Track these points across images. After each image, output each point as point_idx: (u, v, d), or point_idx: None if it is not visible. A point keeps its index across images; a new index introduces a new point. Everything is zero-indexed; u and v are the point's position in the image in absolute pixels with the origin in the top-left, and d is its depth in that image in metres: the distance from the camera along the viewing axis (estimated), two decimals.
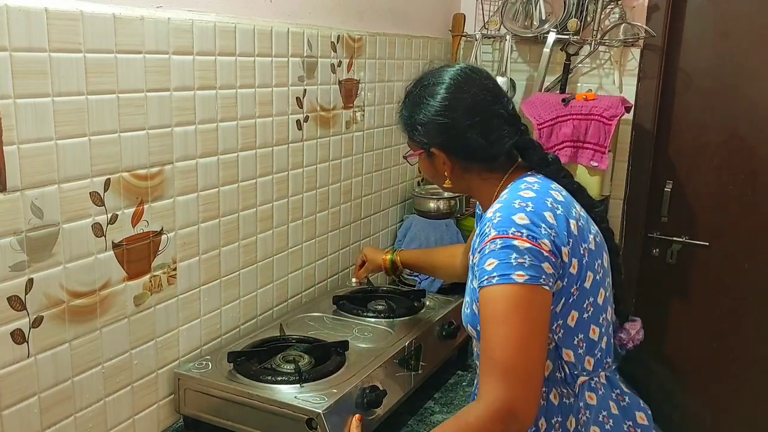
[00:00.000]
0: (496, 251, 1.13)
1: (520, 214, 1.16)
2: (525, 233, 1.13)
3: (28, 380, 1.18)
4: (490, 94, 1.28)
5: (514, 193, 1.22)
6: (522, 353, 1.10)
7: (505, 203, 1.20)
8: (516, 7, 2.50)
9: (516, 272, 1.11)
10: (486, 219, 1.20)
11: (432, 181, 1.40)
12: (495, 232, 1.15)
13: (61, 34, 1.15)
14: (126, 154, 1.31)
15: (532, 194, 1.20)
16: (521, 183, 1.25)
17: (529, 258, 1.12)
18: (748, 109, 2.46)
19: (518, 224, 1.14)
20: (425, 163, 1.34)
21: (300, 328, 1.71)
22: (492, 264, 1.13)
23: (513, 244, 1.12)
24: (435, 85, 1.28)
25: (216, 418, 1.43)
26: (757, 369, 2.59)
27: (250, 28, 1.59)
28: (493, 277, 1.12)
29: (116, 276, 1.33)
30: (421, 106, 1.28)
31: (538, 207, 1.17)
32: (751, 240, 2.53)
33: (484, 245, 1.16)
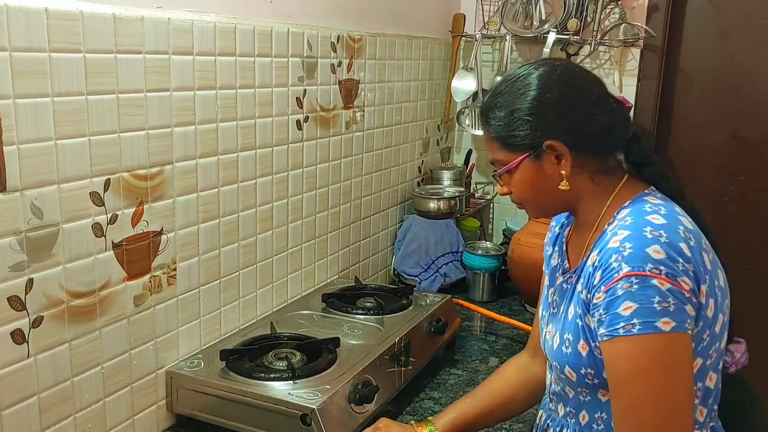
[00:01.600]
0: (632, 292, 0.97)
1: (654, 246, 0.98)
2: (664, 270, 0.97)
3: (27, 380, 1.18)
4: (593, 74, 1.14)
5: (639, 216, 1.04)
6: (672, 409, 0.98)
7: (634, 230, 1.01)
8: (516, 8, 2.50)
9: (661, 319, 0.96)
10: (610, 249, 1.01)
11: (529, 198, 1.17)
12: (628, 267, 0.98)
13: (61, 34, 1.15)
14: (126, 154, 1.30)
15: (662, 220, 1.02)
16: (644, 204, 1.07)
17: (672, 301, 0.96)
18: (749, 109, 2.46)
19: (654, 259, 0.97)
20: (528, 173, 1.13)
21: (290, 325, 1.72)
22: (630, 308, 0.97)
23: (653, 284, 0.96)
24: (530, 73, 1.11)
25: (210, 416, 1.44)
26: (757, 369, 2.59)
27: (250, 29, 1.59)
28: (633, 325, 0.97)
29: (116, 276, 1.33)
30: (524, 95, 1.09)
31: (672, 238, 1.00)
32: (752, 240, 2.53)
33: (615, 283, 0.99)
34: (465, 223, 2.57)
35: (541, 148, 1.10)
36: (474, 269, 2.29)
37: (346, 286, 1.98)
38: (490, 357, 1.89)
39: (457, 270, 2.35)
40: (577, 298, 1.10)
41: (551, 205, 1.18)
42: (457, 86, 2.58)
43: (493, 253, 2.32)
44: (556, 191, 1.12)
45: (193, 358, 1.52)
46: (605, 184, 1.13)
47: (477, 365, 1.83)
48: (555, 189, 1.12)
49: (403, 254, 2.33)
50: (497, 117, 1.13)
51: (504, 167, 1.14)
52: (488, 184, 2.79)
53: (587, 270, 1.07)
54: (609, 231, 1.06)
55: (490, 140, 1.15)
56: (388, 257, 2.41)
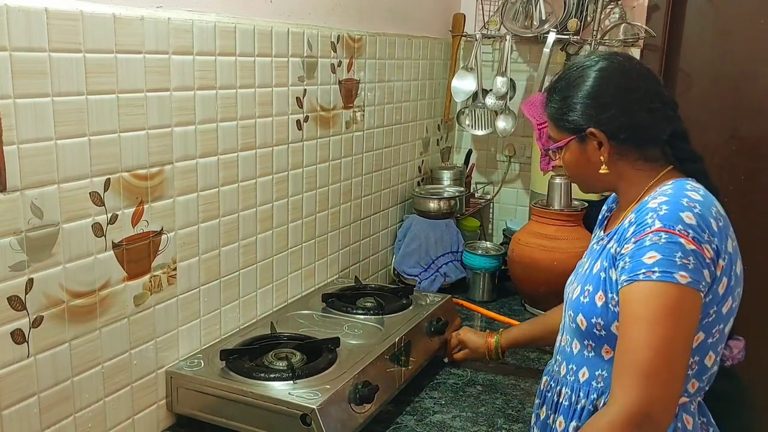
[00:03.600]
0: (659, 245, 1.07)
1: (688, 213, 1.09)
2: (691, 234, 1.07)
3: (27, 380, 1.18)
4: (650, 73, 1.24)
5: (680, 190, 1.15)
6: (668, 357, 1.05)
7: (672, 198, 1.13)
8: (516, 7, 2.50)
9: (680, 272, 1.05)
10: (648, 209, 1.12)
11: (575, 175, 1.32)
12: (660, 224, 1.08)
13: (61, 34, 1.15)
14: (126, 154, 1.31)
15: (700, 197, 1.13)
16: (686, 183, 1.18)
17: (693, 260, 1.06)
18: (749, 109, 2.46)
19: (686, 222, 1.08)
20: (574, 153, 1.26)
21: (290, 325, 1.72)
22: (653, 258, 1.06)
23: (679, 241, 1.06)
24: (592, 65, 1.23)
25: (210, 416, 1.44)
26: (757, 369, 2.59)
27: (250, 28, 1.59)
28: (653, 272, 1.06)
29: (116, 276, 1.33)
30: (580, 85, 1.23)
31: (704, 212, 1.10)
32: (751, 240, 2.53)
33: (645, 236, 1.09)
34: (465, 223, 2.57)
35: (584, 133, 1.23)
36: (474, 269, 2.29)
37: (346, 286, 1.98)
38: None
39: (457, 270, 2.35)
40: (606, 254, 1.20)
41: (595, 183, 1.30)
42: (457, 86, 2.58)
43: (493, 253, 2.32)
44: (596, 174, 1.25)
45: (193, 358, 1.52)
46: (647, 170, 1.23)
47: (477, 365, 1.83)
48: (597, 170, 1.24)
49: (403, 254, 2.33)
50: (554, 100, 1.27)
51: (554, 144, 1.29)
52: (488, 184, 2.79)
53: (622, 227, 1.18)
54: (649, 197, 1.17)
55: (548, 117, 1.30)
56: (388, 257, 2.41)
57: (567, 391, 1.27)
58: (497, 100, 2.52)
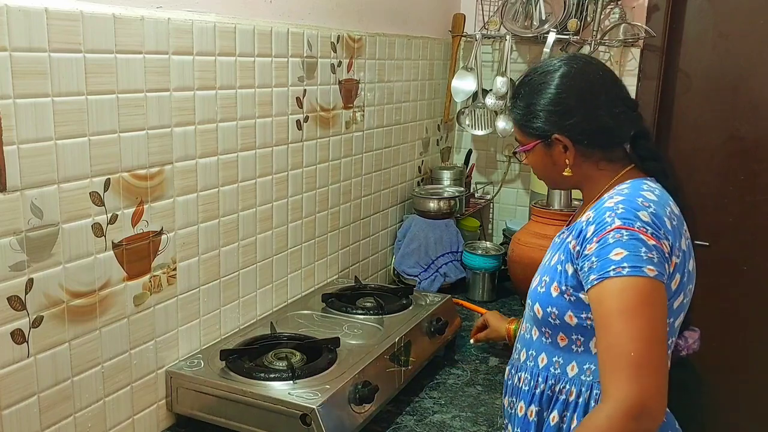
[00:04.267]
0: (623, 242, 1.11)
1: (643, 211, 1.14)
2: (650, 230, 1.12)
3: (27, 380, 1.18)
4: (610, 76, 1.28)
5: (635, 190, 1.20)
6: (653, 347, 1.08)
7: (628, 198, 1.18)
8: (516, 8, 2.50)
9: (648, 266, 1.09)
10: (605, 208, 1.17)
11: (541, 176, 1.37)
12: (620, 222, 1.13)
13: (61, 34, 1.15)
14: (126, 154, 1.31)
15: (654, 198, 1.19)
16: (642, 183, 1.23)
17: (656, 255, 1.11)
18: (749, 109, 2.46)
19: (643, 220, 1.13)
20: (539, 155, 1.30)
21: (290, 325, 1.72)
22: (621, 254, 1.10)
23: (641, 237, 1.11)
24: (553, 71, 1.26)
25: (210, 416, 1.44)
26: (757, 369, 2.59)
27: (250, 29, 1.59)
28: (623, 267, 1.09)
29: (116, 276, 1.33)
30: (542, 92, 1.26)
31: (659, 212, 1.16)
32: (751, 241, 2.53)
33: (606, 234, 1.13)
34: (465, 223, 2.57)
35: (549, 138, 1.26)
36: (474, 269, 2.29)
37: (346, 286, 1.98)
38: (490, 357, 1.89)
39: (457, 270, 2.35)
40: (565, 248, 1.24)
41: (560, 182, 1.35)
42: (457, 86, 2.58)
43: (493, 253, 2.32)
44: (561, 175, 1.30)
45: (193, 358, 1.52)
46: (609, 170, 1.27)
47: (477, 365, 1.83)
48: (561, 172, 1.29)
49: (403, 254, 2.33)
50: (519, 106, 1.30)
51: (521, 148, 1.34)
52: (488, 184, 2.79)
53: (580, 225, 1.21)
54: (606, 197, 1.22)
55: (514, 121, 1.34)
56: (388, 257, 2.41)
57: (526, 376, 1.31)
58: (497, 100, 2.52)
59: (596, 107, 1.24)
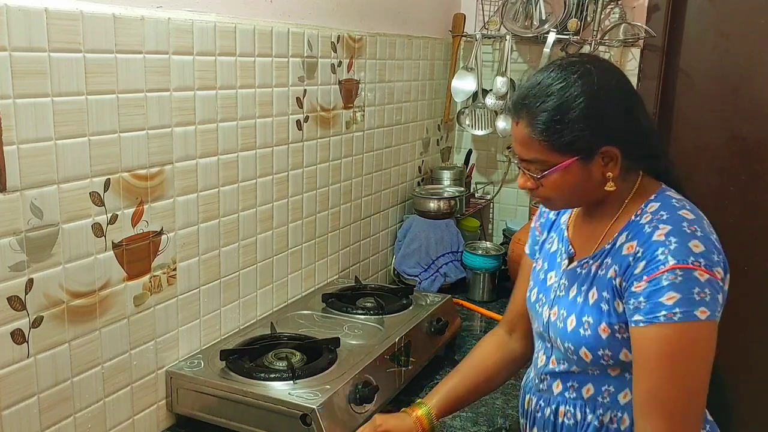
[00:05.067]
0: (677, 283, 1.04)
1: (694, 240, 1.07)
2: (703, 262, 1.06)
3: (27, 380, 1.18)
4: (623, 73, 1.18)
5: (673, 212, 1.13)
6: (694, 397, 1.08)
7: (673, 225, 1.10)
8: (516, 7, 2.50)
9: (699, 308, 1.04)
10: (656, 242, 1.09)
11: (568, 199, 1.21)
12: (674, 260, 1.06)
13: (61, 34, 1.15)
14: (126, 154, 1.30)
15: (692, 215, 1.12)
16: (670, 199, 1.16)
17: (709, 291, 1.05)
18: (749, 109, 2.46)
19: (696, 252, 1.06)
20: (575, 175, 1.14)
21: (290, 325, 1.72)
22: (673, 298, 1.04)
23: (694, 276, 1.05)
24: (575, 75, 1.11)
25: (210, 416, 1.44)
26: (757, 369, 2.59)
27: (251, 29, 1.59)
28: (675, 313, 1.04)
29: (116, 276, 1.32)
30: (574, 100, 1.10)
31: (705, 231, 1.10)
32: (752, 241, 2.53)
33: (660, 274, 1.06)
34: (465, 223, 2.57)
35: (594, 152, 1.12)
36: (474, 269, 2.29)
37: (346, 286, 1.98)
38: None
39: (457, 270, 2.35)
40: (606, 284, 1.16)
41: (581, 201, 1.24)
42: (457, 86, 2.58)
43: (493, 253, 2.32)
44: (595, 191, 1.16)
45: (193, 358, 1.52)
46: (630, 181, 1.19)
47: None
48: (596, 189, 1.16)
49: (403, 254, 2.33)
50: (541, 120, 1.11)
51: (551, 169, 1.13)
52: (488, 184, 2.79)
53: (623, 259, 1.13)
54: (646, 224, 1.13)
55: (532, 139, 1.13)
56: (388, 257, 2.41)
57: (569, 409, 1.23)
58: (497, 100, 2.52)
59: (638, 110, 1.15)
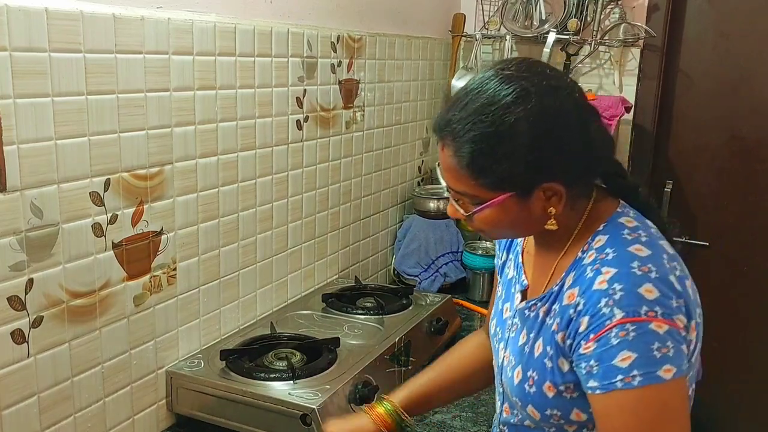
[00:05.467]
0: (630, 341, 0.88)
1: (646, 285, 0.90)
2: (660, 311, 0.89)
3: (27, 380, 1.18)
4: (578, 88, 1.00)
5: (621, 248, 0.95)
6: None
7: (620, 267, 0.92)
8: (516, 7, 2.50)
9: (662, 367, 0.88)
10: (597, 291, 0.92)
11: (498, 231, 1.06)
12: (622, 313, 0.89)
13: (61, 34, 1.15)
14: (126, 154, 1.30)
15: (646, 250, 0.94)
16: (621, 230, 0.98)
17: (671, 344, 0.89)
18: (749, 109, 2.46)
19: (649, 300, 0.89)
20: (508, 210, 0.98)
21: (290, 325, 1.72)
22: (628, 359, 0.88)
23: (650, 329, 0.88)
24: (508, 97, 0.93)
25: (210, 416, 1.44)
26: (757, 369, 2.59)
27: (250, 29, 1.59)
28: (633, 377, 0.88)
29: (116, 276, 1.33)
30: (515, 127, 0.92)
31: (661, 271, 0.92)
32: (752, 240, 2.53)
33: (607, 330, 0.90)
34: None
35: (533, 188, 0.96)
36: (474, 269, 2.29)
37: (346, 286, 1.98)
38: None
39: (457, 270, 2.35)
40: (550, 338, 1.00)
41: (522, 235, 1.10)
42: (457, 86, 2.57)
43: (493, 253, 2.31)
44: (536, 226, 1.01)
45: (193, 358, 1.52)
46: (580, 207, 1.02)
47: None
48: (537, 225, 1.00)
49: (403, 254, 2.33)
50: (473, 150, 0.94)
51: (482, 206, 0.98)
52: None
53: (565, 310, 0.97)
54: (588, 265, 0.96)
55: (459, 172, 0.96)
56: (388, 257, 2.41)
57: None
58: None
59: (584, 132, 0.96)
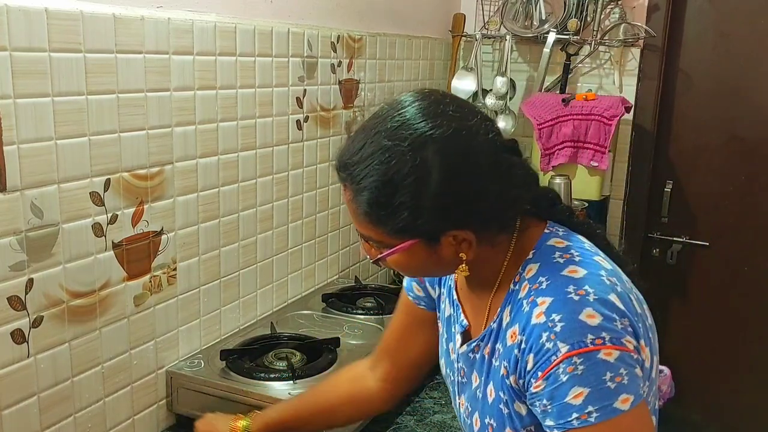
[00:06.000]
0: (579, 376, 0.82)
1: (586, 310, 0.84)
2: (607, 338, 0.83)
3: (27, 380, 1.18)
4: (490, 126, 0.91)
5: (554, 274, 0.89)
6: None
7: (555, 295, 0.86)
8: (516, 7, 2.50)
9: (619, 398, 0.82)
10: (536, 326, 0.86)
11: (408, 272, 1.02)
12: (566, 346, 0.83)
13: (61, 34, 1.15)
14: (126, 154, 1.30)
15: (581, 271, 0.88)
16: (551, 254, 0.92)
17: (624, 370, 0.83)
18: (749, 109, 2.46)
19: (593, 327, 0.83)
20: (416, 255, 0.91)
21: (290, 325, 1.72)
22: (581, 395, 0.82)
23: (599, 358, 0.82)
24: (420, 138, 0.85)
25: None
26: (757, 369, 2.59)
27: (251, 29, 1.59)
28: (589, 413, 0.82)
29: (116, 276, 1.33)
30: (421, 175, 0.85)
31: (600, 291, 0.86)
32: (752, 240, 2.53)
33: (554, 367, 0.84)
34: None
35: (439, 236, 0.89)
36: None
37: (346, 286, 1.98)
38: None
39: None
40: (501, 383, 0.94)
41: (437, 275, 1.06)
42: (457, 86, 2.58)
43: None
44: (449, 269, 0.95)
45: (193, 358, 1.52)
46: (503, 242, 0.95)
47: None
48: (450, 267, 0.94)
49: None
50: (370, 199, 0.87)
51: (388, 251, 0.91)
52: None
53: (510, 351, 0.91)
54: (523, 299, 0.90)
55: (358, 215, 0.90)
56: None
57: None
58: (497, 100, 2.52)
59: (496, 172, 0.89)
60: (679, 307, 2.68)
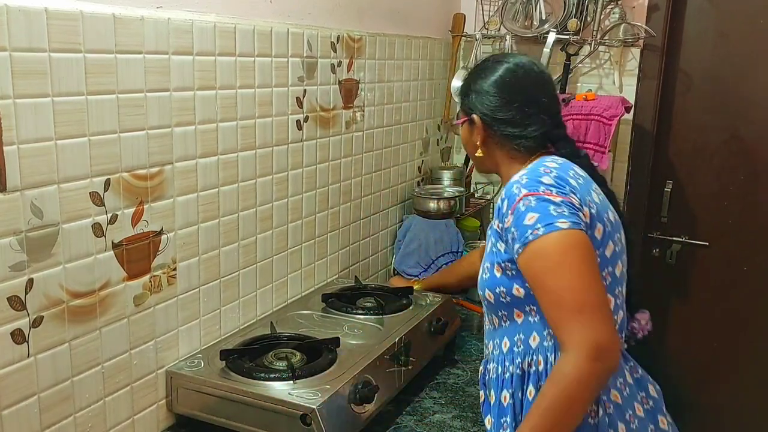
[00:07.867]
0: (533, 207, 1.20)
1: (545, 176, 1.24)
2: (555, 190, 1.21)
3: (27, 380, 1.18)
4: (540, 85, 1.39)
5: (539, 164, 1.30)
6: (590, 290, 1.16)
7: (530, 170, 1.28)
8: (516, 7, 2.50)
9: (558, 220, 1.17)
10: (512, 182, 1.27)
11: (466, 150, 1.51)
12: (525, 190, 1.22)
13: (61, 34, 1.15)
14: (126, 154, 1.31)
15: (556, 165, 1.29)
16: (545, 159, 1.32)
17: (566, 208, 1.18)
18: (749, 109, 2.46)
19: (546, 183, 1.22)
20: (465, 131, 1.44)
21: (290, 325, 1.72)
22: (533, 218, 1.18)
23: (547, 198, 1.20)
24: (499, 63, 1.39)
25: (210, 416, 1.44)
26: (757, 369, 2.59)
27: (250, 29, 1.59)
28: (537, 229, 1.17)
29: (116, 276, 1.33)
30: (482, 77, 1.38)
31: (561, 174, 1.25)
32: (752, 240, 2.53)
33: (516, 204, 1.22)
34: (465, 223, 2.57)
35: (471, 117, 1.40)
36: None
37: (346, 286, 1.98)
38: None
39: None
40: (493, 232, 1.32)
41: (478, 163, 1.48)
42: (457, 86, 2.57)
43: None
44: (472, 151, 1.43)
45: (193, 358, 1.52)
46: (520, 158, 1.37)
47: (477, 365, 1.82)
48: (472, 150, 1.43)
49: (403, 254, 2.33)
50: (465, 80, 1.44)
51: (456, 121, 1.51)
52: (488, 184, 2.79)
53: (497, 205, 1.30)
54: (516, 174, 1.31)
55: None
56: (388, 257, 2.41)
57: (495, 365, 1.35)
58: None
59: (512, 102, 1.35)
60: (678, 307, 2.68)
